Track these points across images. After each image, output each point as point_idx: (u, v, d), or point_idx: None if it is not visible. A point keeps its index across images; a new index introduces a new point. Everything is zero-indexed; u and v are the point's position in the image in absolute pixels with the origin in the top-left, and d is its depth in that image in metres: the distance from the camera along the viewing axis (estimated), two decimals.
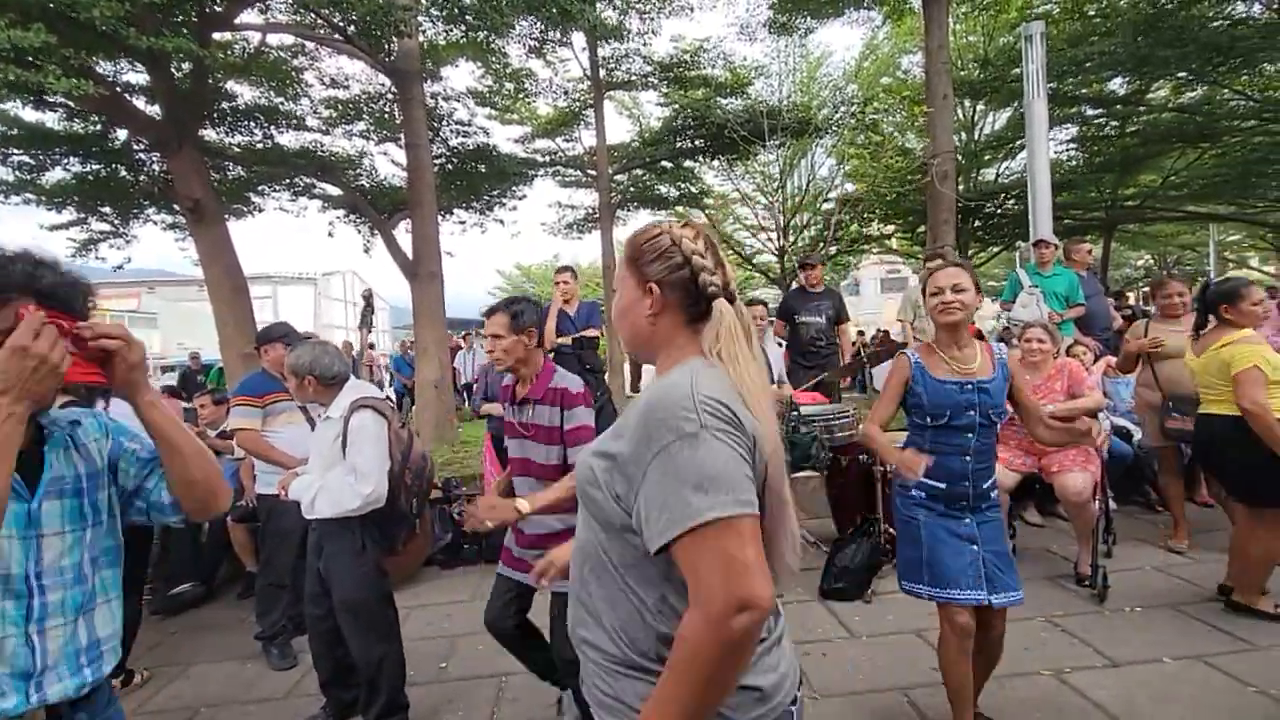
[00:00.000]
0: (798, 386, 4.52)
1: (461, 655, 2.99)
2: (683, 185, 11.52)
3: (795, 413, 3.55)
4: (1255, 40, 8.04)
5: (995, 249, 16.81)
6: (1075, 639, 2.84)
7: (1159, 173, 13.34)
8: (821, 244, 12.78)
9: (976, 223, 13.94)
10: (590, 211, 11.61)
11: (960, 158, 13.62)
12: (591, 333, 4.35)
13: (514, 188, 10.64)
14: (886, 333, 16.13)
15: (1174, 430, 3.57)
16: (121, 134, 6.91)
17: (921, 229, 13.27)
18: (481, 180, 9.89)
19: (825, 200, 12.96)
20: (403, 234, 8.04)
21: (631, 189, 10.97)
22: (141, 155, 7.35)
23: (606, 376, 9.44)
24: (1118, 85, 11.55)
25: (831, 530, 3.99)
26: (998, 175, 15.10)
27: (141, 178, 7.48)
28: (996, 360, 2.06)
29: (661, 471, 0.83)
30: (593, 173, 10.47)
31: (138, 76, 6.68)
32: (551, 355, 4.19)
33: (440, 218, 8.73)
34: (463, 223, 10.87)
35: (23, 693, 1.02)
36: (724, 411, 0.86)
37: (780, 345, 4.79)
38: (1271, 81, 9.79)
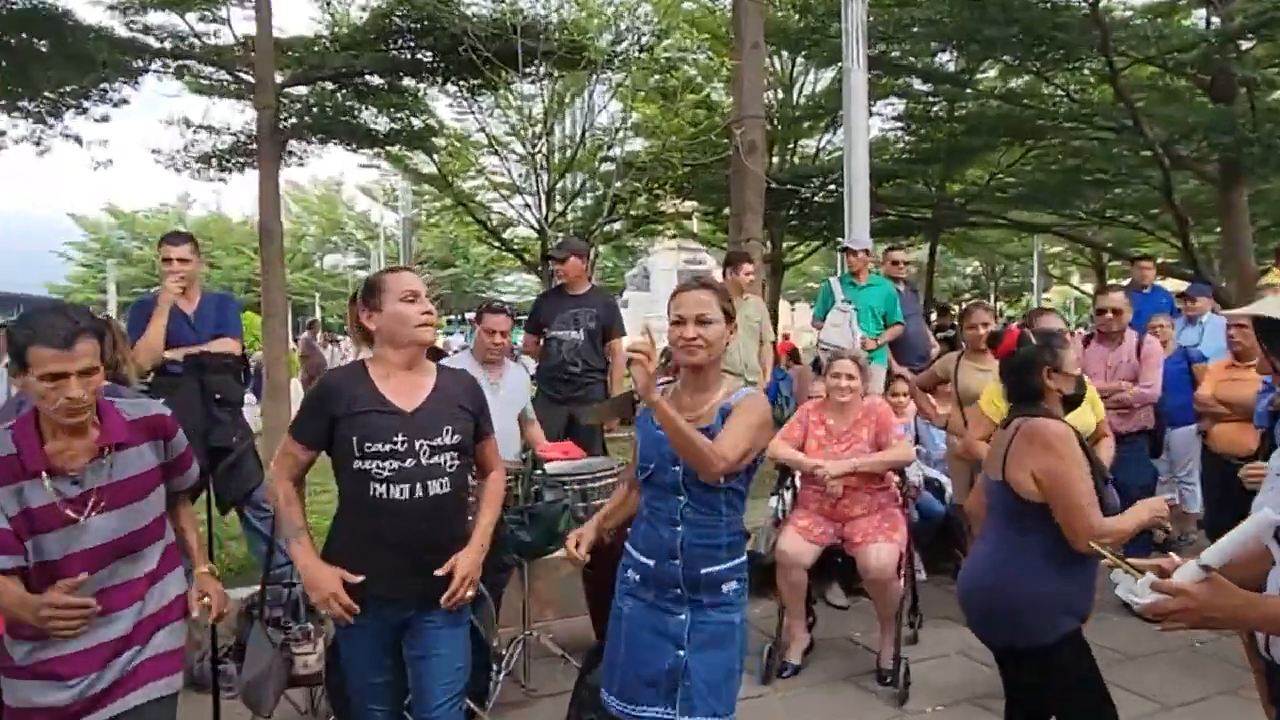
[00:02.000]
0: (550, 431, 4.65)
1: None
2: (400, 115, 11.18)
3: (539, 472, 3.65)
4: (1074, 34, 10.44)
5: (815, 244, 19.28)
6: None
7: (986, 168, 16.55)
8: (599, 218, 13.36)
9: (792, 210, 15.78)
10: (243, 138, 10.71)
11: (776, 123, 15.40)
12: (224, 345, 4.00)
13: (105, 85, 9.69)
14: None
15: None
16: None
17: (726, 211, 14.63)
18: (42, 65, 8.83)
19: (605, 159, 13.60)
20: None
21: (315, 109, 10.33)
22: None
23: (258, 409, 8.73)
24: (946, 60, 14.08)
25: (587, 634, 4.16)
26: (819, 151, 17.35)
27: None
28: (721, 406, 2.30)
29: None
30: (249, 76, 9.68)
31: None
32: (151, 377, 3.77)
33: None
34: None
35: None
36: None
37: (527, 369, 4.88)
38: (1087, 81, 12.75)
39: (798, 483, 4.37)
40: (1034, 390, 2.57)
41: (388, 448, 2.27)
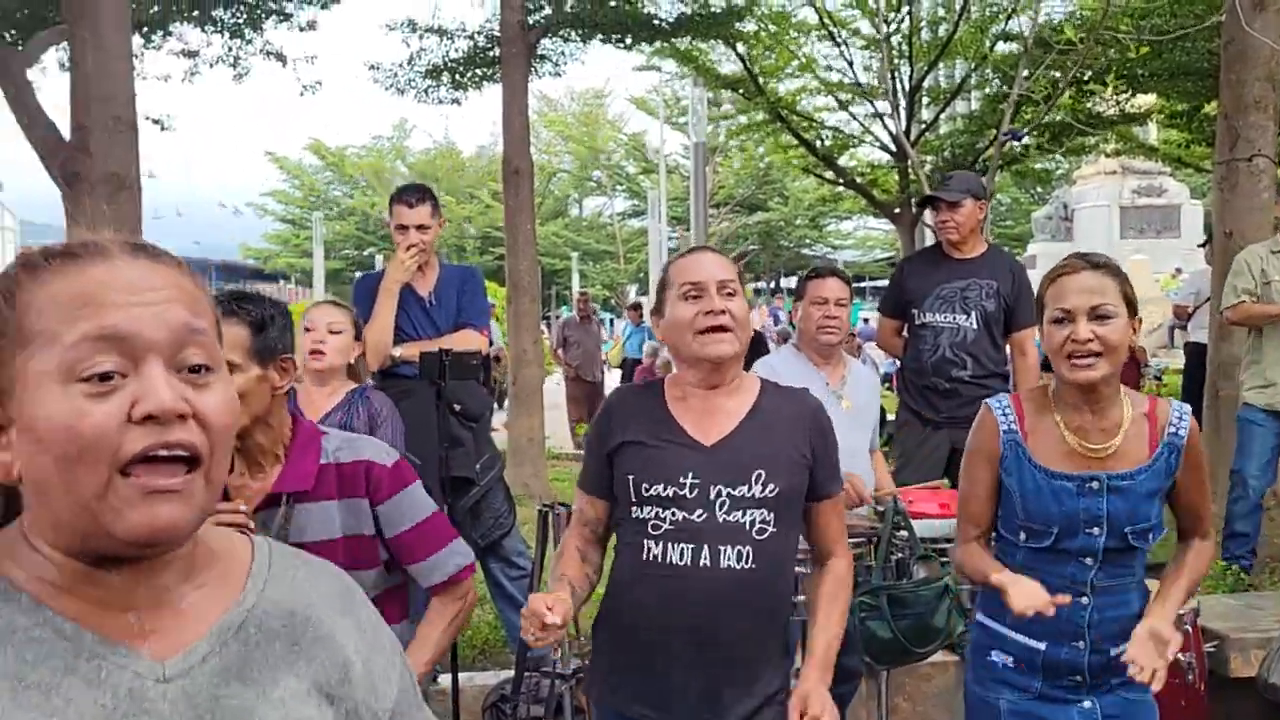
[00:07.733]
0: (921, 468, 4.58)
1: None
2: None
3: (903, 533, 3.60)
4: None
5: None
6: None
7: None
8: (992, 132, 12.98)
9: None
10: (482, 41, 11.61)
11: None
12: (467, 340, 4.34)
13: None
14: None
15: None
16: None
17: (1209, 108, 13.52)
18: None
19: (1002, 37, 13.17)
20: (54, 79, 7.88)
21: None
22: None
23: (503, 425, 9.35)
24: None
25: None
26: None
27: None
28: (1164, 434, 2.54)
29: None
30: None
31: None
32: (372, 382, 4.18)
33: (142, 45, 8.58)
34: (194, 55, 10.76)
35: None
36: None
37: (879, 370, 4.84)
38: None
39: None
40: None
41: (670, 491, 2.38)
